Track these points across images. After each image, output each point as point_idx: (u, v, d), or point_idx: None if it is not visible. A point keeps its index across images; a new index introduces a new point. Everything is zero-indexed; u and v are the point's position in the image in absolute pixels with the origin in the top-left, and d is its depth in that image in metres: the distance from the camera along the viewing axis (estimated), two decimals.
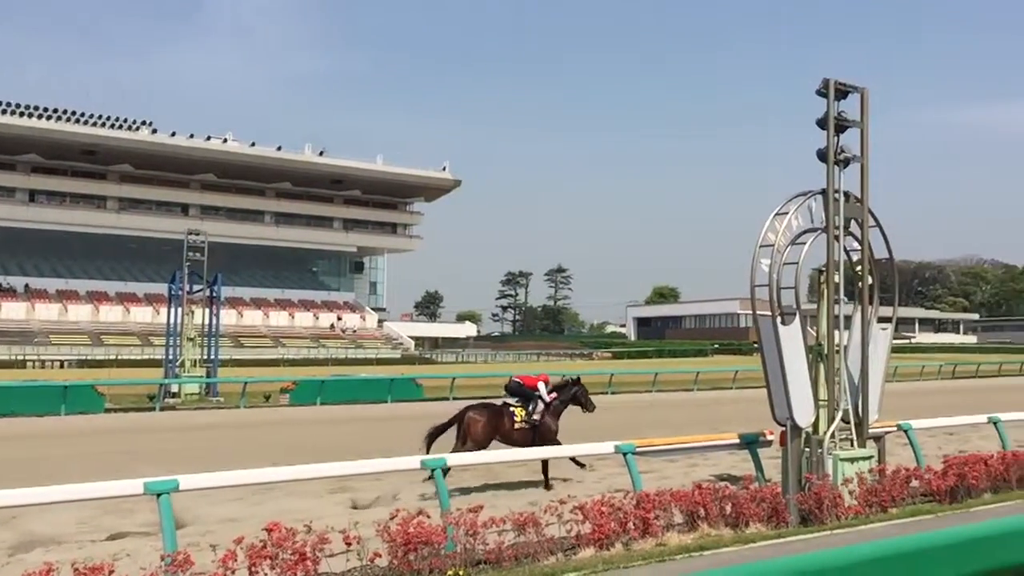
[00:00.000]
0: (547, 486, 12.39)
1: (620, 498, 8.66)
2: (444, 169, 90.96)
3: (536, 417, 12.79)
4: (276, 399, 30.62)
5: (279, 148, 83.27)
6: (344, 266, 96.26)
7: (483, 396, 32.75)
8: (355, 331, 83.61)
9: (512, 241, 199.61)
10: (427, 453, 11.37)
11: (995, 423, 14.37)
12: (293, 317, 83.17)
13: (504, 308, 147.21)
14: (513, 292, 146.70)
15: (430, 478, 9.59)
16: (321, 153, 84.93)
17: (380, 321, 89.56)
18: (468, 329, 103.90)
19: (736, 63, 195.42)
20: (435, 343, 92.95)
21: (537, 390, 12.94)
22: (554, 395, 13.15)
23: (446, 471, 9.23)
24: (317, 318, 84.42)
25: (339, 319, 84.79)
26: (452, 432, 12.58)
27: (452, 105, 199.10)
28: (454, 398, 32.04)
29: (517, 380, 13.36)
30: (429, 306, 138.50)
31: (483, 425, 12.38)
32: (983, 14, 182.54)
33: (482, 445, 12.16)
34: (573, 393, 13.42)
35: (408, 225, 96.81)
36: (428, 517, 7.62)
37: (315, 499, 11.50)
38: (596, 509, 8.21)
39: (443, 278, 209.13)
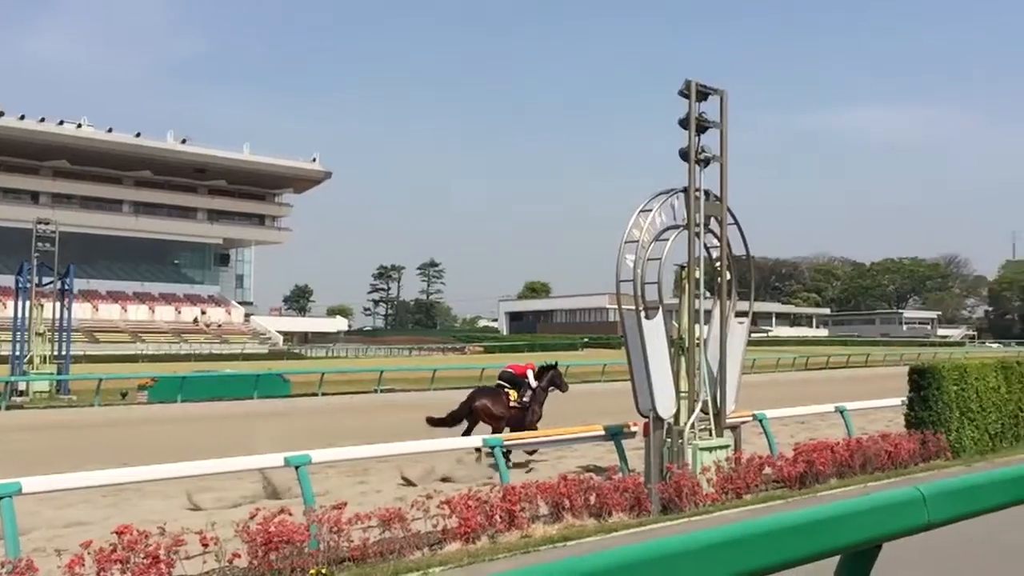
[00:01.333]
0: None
1: (487, 491, 8.71)
2: (314, 160, 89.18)
3: (526, 400, 14.22)
4: (133, 397, 29.37)
5: (138, 135, 79.65)
6: (208, 258, 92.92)
7: (353, 392, 32.63)
8: (220, 326, 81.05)
9: (385, 234, 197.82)
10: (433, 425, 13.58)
11: (841, 412, 15.22)
12: (153, 311, 79.92)
13: (376, 302, 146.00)
14: (385, 286, 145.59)
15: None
16: (184, 141, 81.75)
17: (247, 315, 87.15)
18: (339, 323, 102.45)
19: (606, 62, 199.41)
20: (305, 338, 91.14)
21: (526, 377, 14.48)
22: (537, 382, 14.61)
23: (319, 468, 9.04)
24: (179, 312, 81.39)
25: (203, 313, 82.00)
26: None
27: (324, 95, 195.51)
28: (323, 394, 31.55)
29: (509, 370, 14.96)
30: (299, 300, 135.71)
31: (488, 407, 13.95)
32: (830, 23, 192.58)
33: (492, 418, 13.89)
34: (550, 376, 14.71)
35: (276, 217, 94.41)
36: (290, 515, 7.45)
37: (172, 500, 11.06)
38: (463, 503, 8.22)
39: (314, 272, 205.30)
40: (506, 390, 14.32)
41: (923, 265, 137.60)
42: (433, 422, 14.00)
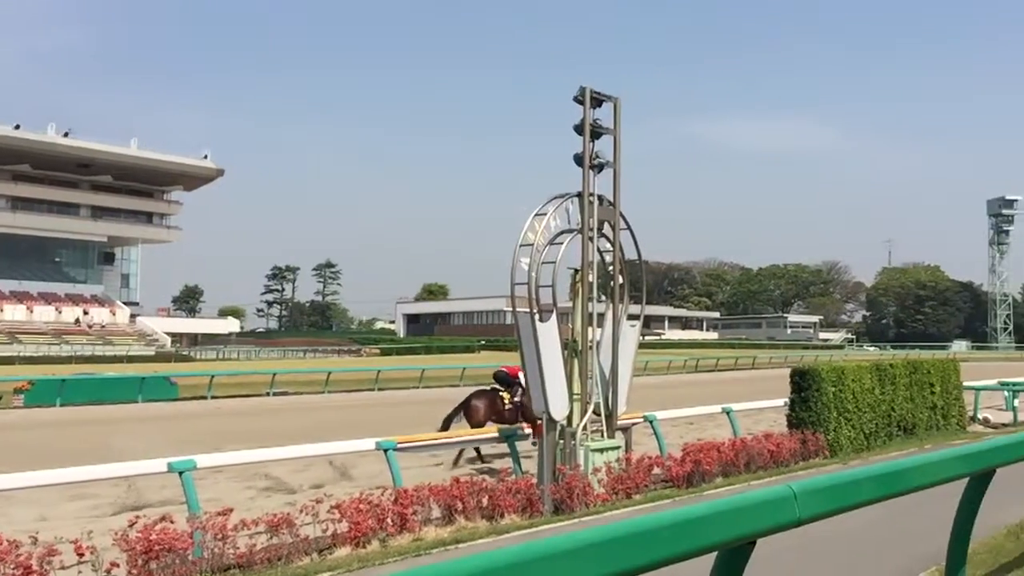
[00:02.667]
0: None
1: (378, 495, 8.63)
2: (206, 157, 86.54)
3: (518, 399, 14.67)
4: (9, 400, 27.95)
5: (17, 127, 75.71)
6: (92, 257, 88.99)
7: (244, 395, 31.85)
8: (103, 326, 77.86)
9: (279, 234, 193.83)
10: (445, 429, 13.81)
11: (728, 413, 15.69)
12: (32, 311, 76.13)
13: (270, 303, 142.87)
14: (280, 287, 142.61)
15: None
16: (66, 134, 78.04)
17: (132, 316, 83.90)
18: (231, 325, 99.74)
19: (505, 70, 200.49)
20: (194, 339, 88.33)
21: (518, 378, 14.34)
22: None
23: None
24: (60, 312, 77.77)
25: (85, 313, 78.61)
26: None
27: (218, 91, 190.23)
28: (212, 397, 30.69)
29: (503, 370, 15.45)
30: (188, 300, 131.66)
31: (483, 410, 14.67)
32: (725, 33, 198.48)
33: (483, 424, 14.32)
34: None
35: (165, 215, 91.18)
36: (172, 523, 7.22)
37: (47, 508, 10.56)
38: (353, 507, 8.13)
39: (205, 272, 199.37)
40: (500, 392, 15.00)
41: (806, 271, 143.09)
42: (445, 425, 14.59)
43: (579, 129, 11.14)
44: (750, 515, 2.93)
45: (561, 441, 10.90)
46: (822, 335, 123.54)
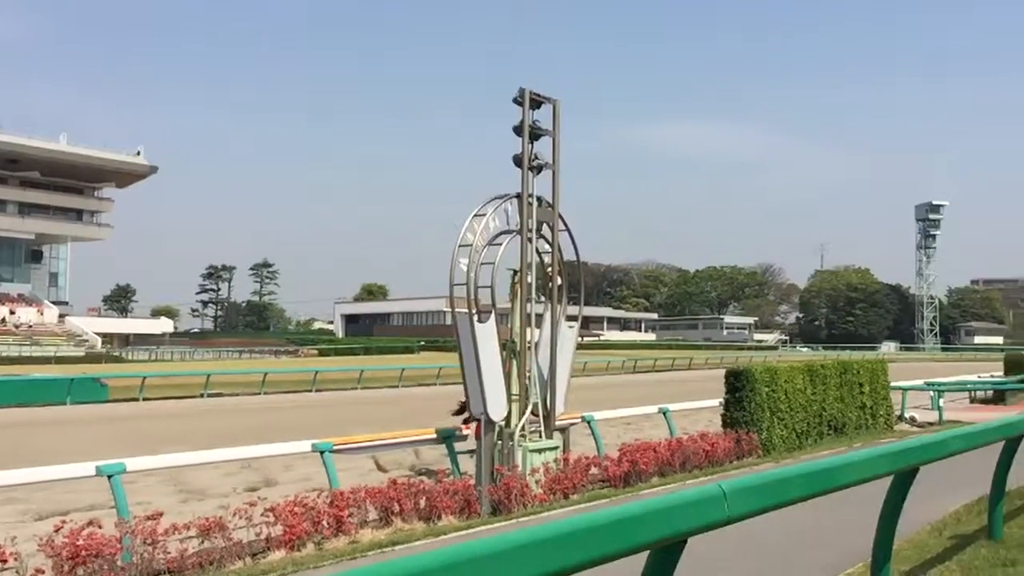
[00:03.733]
0: None
1: (314, 497, 8.53)
2: (139, 154, 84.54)
3: None
4: None
5: None
6: (19, 255, 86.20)
7: (177, 396, 31.20)
8: (31, 326, 75.56)
9: (215, 233, 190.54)
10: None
11: (664, 413, 15.88)
12: None
13: (205, 303, 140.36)
14: (215, 286, 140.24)
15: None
16: None
17: (61, 316, 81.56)
18: (164, 325, 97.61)
19: (449, 66, 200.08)
20: (126, 340, 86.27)
21: None
22: None
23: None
24: None
25: (11, 313, 76.22)
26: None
27: (152, 88, 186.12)
28: (144, 399, 30.03)
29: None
30: (120, 300, 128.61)
31: None
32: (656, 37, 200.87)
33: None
34: None
35: (96, 212, 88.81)
36: (100, 528, 7.04)
37: None
38: (288, 510, 8.03)
39: (137, 271, 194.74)
40: None
41: (742, 273, 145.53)
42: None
43: (518, 130, 11.17)
44: (681, 514, 2.98)
45: (499, 442, 10.92)
46: (757, 336, 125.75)
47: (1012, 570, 6.13)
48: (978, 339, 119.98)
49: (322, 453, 10.05)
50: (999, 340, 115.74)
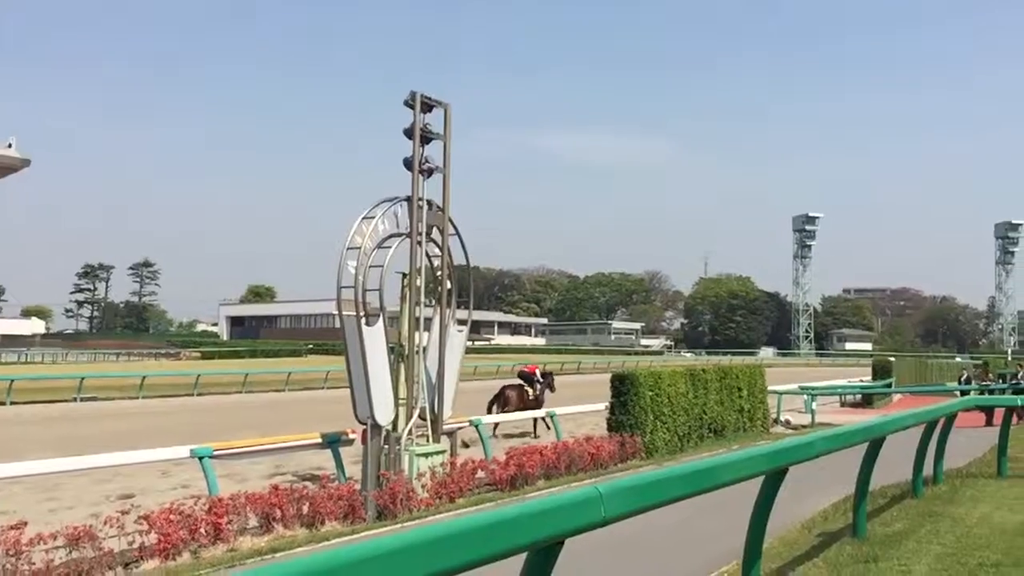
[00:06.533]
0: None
1: (191, 504, 8.28)
2: (10, 146, 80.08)
3: (536, 391, 19.75)
4: None
5: None
6: None
7: (48, 400, 29.73)
8: None
9: (92, 231, 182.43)
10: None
11: (551, 416, 16.08)
12: None
13: (80, 303, 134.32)
14: (92, 286, 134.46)
15: None
16: None
17: None
18: (35, 326, 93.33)
19: (341, 66, 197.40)
20: None
21: (535, 375, 20.32)
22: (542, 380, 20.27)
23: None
24: None
25: None
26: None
27: (30, 77, 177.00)
28: (12, 402, 28.49)
29: (525, 369, 21.22)
30: None
31: (516, 397, 19.23)
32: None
33: (518, 408, 18.56)
34: (549, 378, 20.63)
35: None
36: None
37: None
38: (163, 518, 7.77)
39: (7, 268, 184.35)
40: (524, 386, 19.86)
41: (630, 280, 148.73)
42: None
43: (409, 133, 11.14)
44: (558, 516, 3.02)
45: (386, 446, 10.84)
46: (644, 341, 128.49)
47: (874, 566, 6.44)
48: (849, 345, 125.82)
49: (201, 459, 9.76)
50: (868, 346, 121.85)
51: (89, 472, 11.84)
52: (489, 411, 18.12)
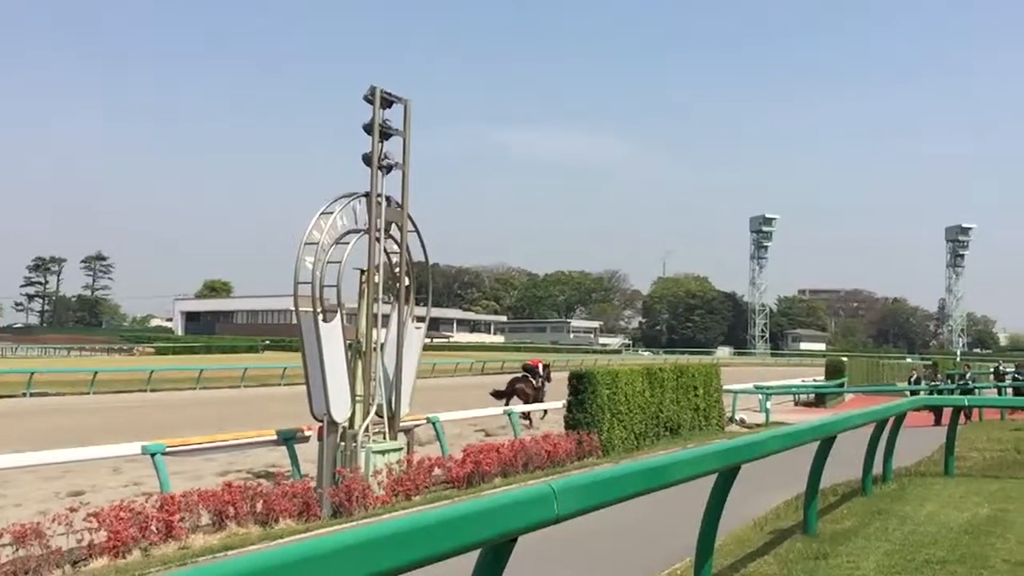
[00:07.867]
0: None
1: (142, 502, 8.17)
2: None
3: (539, 383, 22.06)
4: None
5: None
6: None
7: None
8: None
9: (42, 223, 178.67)
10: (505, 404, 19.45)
11: (509, 415, 16.10)
12: None
13: (31, 297, 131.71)
14: (42, 279, 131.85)
15: None
16: None
17: None
18: None
19: (297, 62, 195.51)
20: None
21: (539, 368, 22.60)
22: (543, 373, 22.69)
23: None
24: None
25: None
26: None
27: None
28: None
29: (529, 363, 23.66)
30: None
31: (530, 389, 21.67)
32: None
33: (528, 400, 20.72)
34: (547, 371, 23.04)
35: None
36: None
37: None
38: (113, 515, 7.65)
39: None
40: (529, 378, 22.20)
41: (589, 278, 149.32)
42: (495, 395, 21.71)
43: (368, 129, 11.08)
44: (511, 513, 3.03)
45: (342, 443, 10.78)
46: (602, 340, 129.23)
47: (824, 562, 6.55)
48: (804, 345, 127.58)
49: (153, 455, 9.63)
50: (822, 347, 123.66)
51: (37, 469, 11.63)
52: (507, 401, 20.32)
